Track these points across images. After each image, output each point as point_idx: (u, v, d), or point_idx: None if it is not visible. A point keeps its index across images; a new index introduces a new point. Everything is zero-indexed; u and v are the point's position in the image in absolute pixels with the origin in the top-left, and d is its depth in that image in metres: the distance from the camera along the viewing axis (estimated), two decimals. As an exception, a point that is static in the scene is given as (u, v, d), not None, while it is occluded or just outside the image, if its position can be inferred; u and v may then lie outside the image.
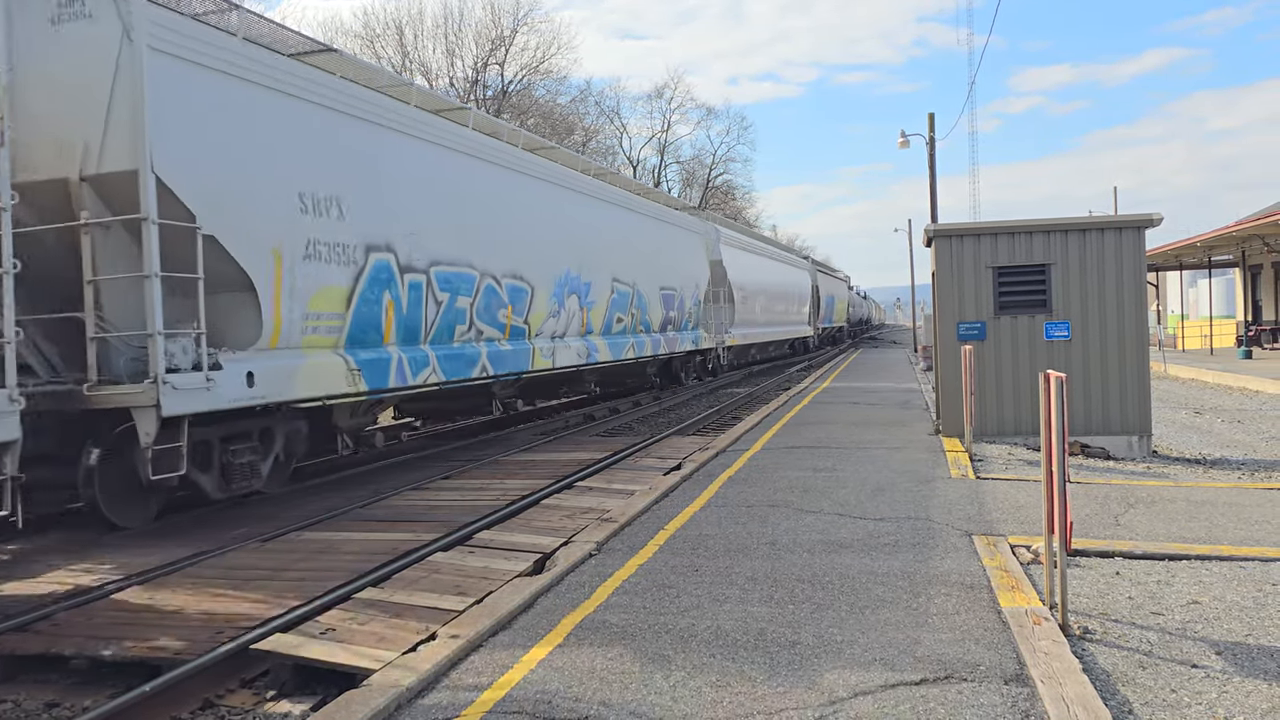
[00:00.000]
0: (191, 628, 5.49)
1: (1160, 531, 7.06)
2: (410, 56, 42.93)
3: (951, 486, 8.91)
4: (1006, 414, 12.13)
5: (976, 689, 4.16)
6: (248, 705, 4.91)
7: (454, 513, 8.53)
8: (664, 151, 62.31)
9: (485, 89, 43.82)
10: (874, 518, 7.61)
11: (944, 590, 5.61)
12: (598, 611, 5.40)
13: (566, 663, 4.63)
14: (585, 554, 6.62)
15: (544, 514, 8.43)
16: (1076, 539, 6.56)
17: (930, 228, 12.77)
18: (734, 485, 9.19)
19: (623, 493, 9.22)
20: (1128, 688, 4.19)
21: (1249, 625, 4.97)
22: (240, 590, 6.22)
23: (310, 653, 5.04)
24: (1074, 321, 11.92)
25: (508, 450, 12.80)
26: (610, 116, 59.31)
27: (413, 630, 5.30)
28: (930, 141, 29.25)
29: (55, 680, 5.24)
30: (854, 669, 4.43)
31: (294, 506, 9.21)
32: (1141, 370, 11.88)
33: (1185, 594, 5.52)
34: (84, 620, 5.74)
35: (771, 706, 4.04)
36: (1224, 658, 4.52)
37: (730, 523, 7.55)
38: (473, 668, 4.62)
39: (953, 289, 12.29)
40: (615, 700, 4.18)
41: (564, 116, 49.79)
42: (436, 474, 10.92)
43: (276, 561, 6.96)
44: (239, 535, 7.92)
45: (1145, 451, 11.76)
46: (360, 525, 8.18)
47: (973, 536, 6.90)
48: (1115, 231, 11.88)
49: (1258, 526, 7.15)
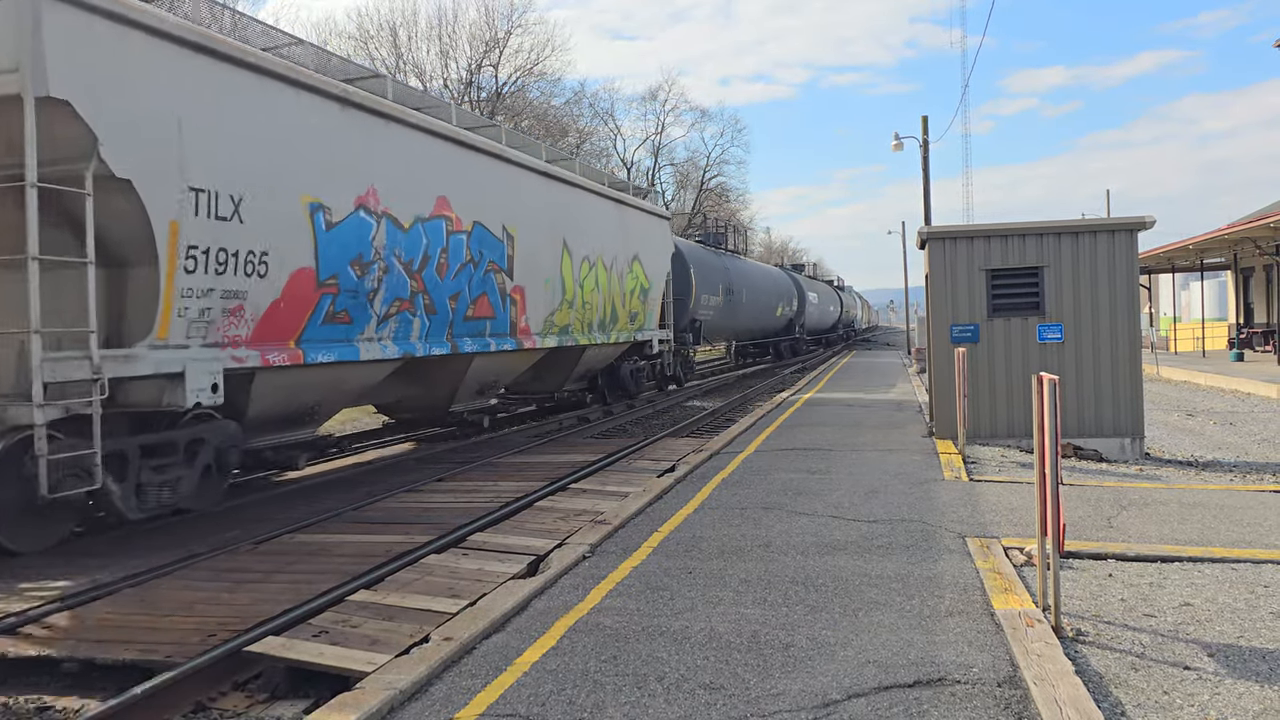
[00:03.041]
0: (184, 630, 5.48)
1: (1153, 533, 7.08)
2: (404, 58, 42.92)
3: (945, 489, 8.93)
4: (1000, 416, 12.16)
5: (970, 691, 4.17)
6: (240, 708, 4.90)
7: (447, 515, 8.52)
8: (658, 154, 62.34)
9: (479, 91, 43.80)
10: (867, 520, 7.61)
11: (937, 592, 5.61)
12: (591, 614, 5.40)
13: (560, 665, 4.62)
14: (579, 556, 6.62)
15: (538, 516, 8.42)
16: (1069, 541, 6.57)
17: (924, 230, 12.81)
18: (728, 487, 9.19)
19: (616, 495, 9.22)
20: (1120, 689, 4.20)
21: (1241, 627, 4.98)
22: (233, 593, 6.20)
23: (303, 655, 5.03)
24: (1067, 324, 11.96)
25: (501, 452, 12.79)
26: (604, 118, 59.35)
27: (406, 633, 5.29)
28: (924, 144, 29.30)
29: (47, 683, 5.21)
30: (847, 671, 4.44)
31: (287, 509, 9.19)
32: (1134, 373, 11.92)
33: (1178, 596, 5.53)
34: (76, 623, 5.72)
35: (765, 709, 4.04)
36: (1216, 659, 4.54)
37: (724, 525, 7.55)
38: (466, 670, 4.61)
39: (946, 291, 12.32)
40: (609, 702, 4.17)
41: (558, 119, 49.78)
42: (430, 476, 10.91)
43: (269, 564, 6.95)
44: (231, 538, 7.89)
45: (1138, 454, 11.80)
46: (353, 527, 8.17)
47: (966, 539, 6.92)
48: (1108, 234, 11.92)
49: (1249, 528, 7.18)
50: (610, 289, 17.29)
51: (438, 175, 11.64)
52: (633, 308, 18.65)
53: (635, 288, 18.75)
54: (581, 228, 15.88)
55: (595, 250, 16.44)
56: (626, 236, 18.25)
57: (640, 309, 19.13)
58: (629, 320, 18.47)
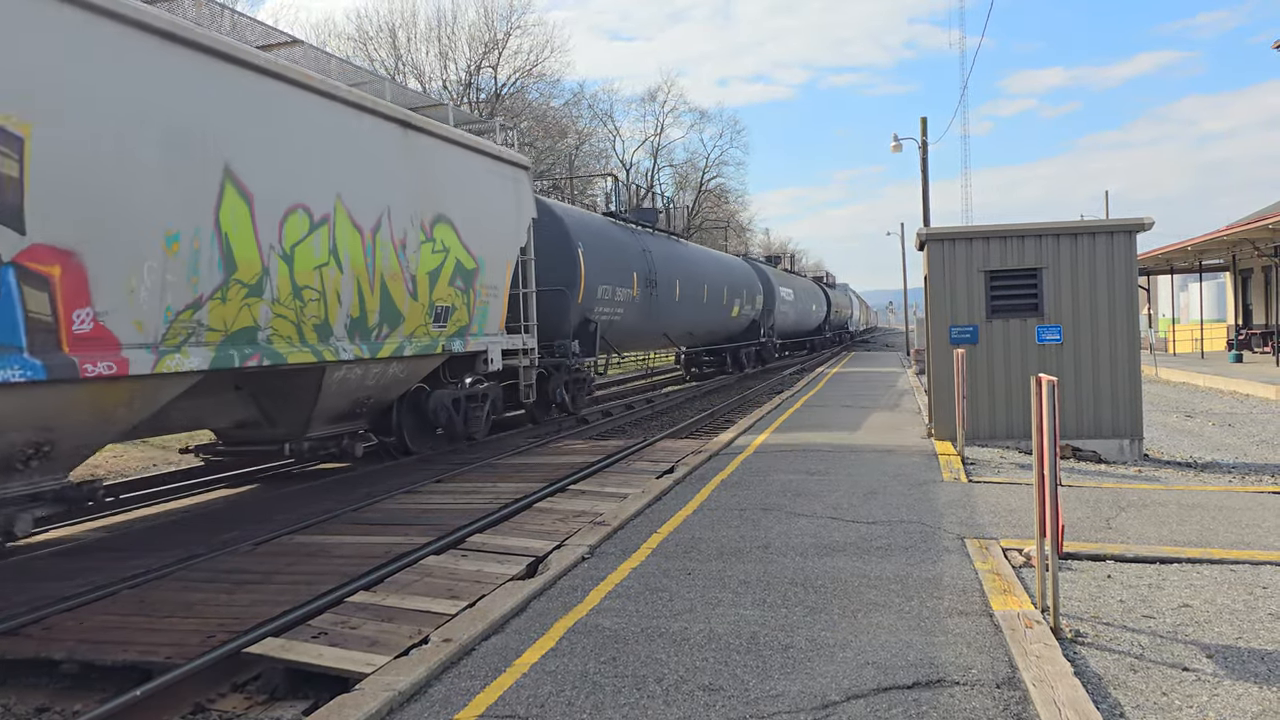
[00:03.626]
0: (183, 631, 5.47)
1: (1151, 535, 7.09)
2: (403, 59, 42.93)
3: (944, 490, 8.93)
4: (999, 417, 12.17)
5: (969, 692, 4.17)
6: (240, 709, 4.90)
7: (446, 516, 8.52)
8: (657, 155, 62.39)
9: (479, 92, 43.81)
10: (866, 521, 7.62)
11: (936, 593, 5.62)
12: (590, 615, 5.40)
13: (559, 667, 4.63)
14: (578, 557, 6.62)
15: (537, 517, 8.42)
16: (1068, 542, 6.58)
17: (923, 231, 12.82)
18: (727, 489, 9.19)
19: (615, 496, 9.22)
20: (1119, 691, 4.20)
21: (1240, 628, 4.99)
22: (232, 594, 6.20)
23: (302, 656, 5.03)
24: (1065, 325, 11.97)
25: (500, 453, 12.78)
26: (603, 119, 59.38)
27: (405, 634, 5.29)
28: (923, 145, 29.33)
29: (46, 684, 5.22)
30: (847, 672, 4.44)
31: (286, 510, 9.19)
32: (1133, 374, 11.93)
33: (1176, 597, 5.54)
34: (75, 624, 5.72)
35: (764, 710, 4.05)
36: (1215, 660, 4.54)
37: (723, 526, 7.55)
38: (465, 671, 4.61)
39: (945, 293, 12.33)
40: (608, 704, 4.18)
41: (557, 120, 49.80)
42: (428, 477, 10.90)
43: (268, 565, 6.94)
44: (230, 539, 7.89)
45: (1136, 455, 11.81)
46: (352, 528, 8.17)
47: (965, 540, 6.92)
48: (1107, 236, 11.94)
49: (1248, 530, 7.18)
50: (377, 265, 10.36)
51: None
52: (443, 300, 11.72)
53: (445, 268, 11.74)
54: (281, 151, 8.99)
55: (326, 196, 9.58)
56: (424, 183, 11.29)
57: (460, 302, 12.16)
58: (432, 319, 11.56)
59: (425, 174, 11.39)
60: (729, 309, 28.48)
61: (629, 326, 19.92)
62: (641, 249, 20.75)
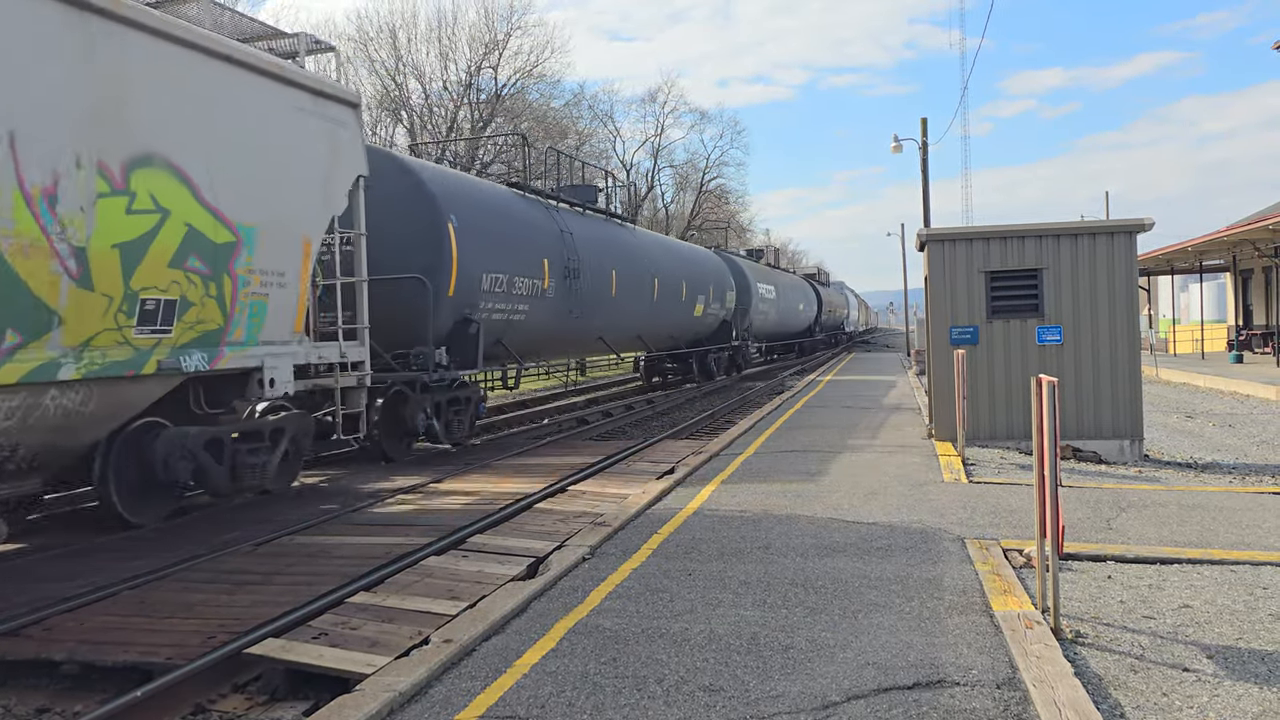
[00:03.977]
0: (183, 632, 5.47)
1: (1152, 535, 7.09)
2: (404, 60, 42.92)
3: (944, 490, 8.93)
4: (999, 418, 12.18)
5: (969, 693, 4.17)
6: (240, 710, 4.90)
7: (447, 516, 8.52)
8: (657, 155, 62.36)
9: (479, 93, 43.82)
10: (867, 521, 7.62)
11: (937, 594, 5.62)
12: (591, 616, 5.40)
13: (560, 667, 4.63)
14: (579, 558, 6.62)
15: (537, 518, 8.42)
16: (1068, 543, 6.58)
17: (923, 232, 12.82)
18: (727, 489, 9.19)
19: (616, 497, 9.22)
20: (1119, 691, 4.20)
21: (1240, 629, 4.99)
22: (232, 594, 6.20)
23: (303, 657, 5.03)
24: (1066, 326, 11.98)
25: (500, 454, 12.78)
26: (604, 120, 59.38)
27: (405, 635, 5.29)
28: (923, 146, 29.34)
29: (46, 685, 5.21)
30: (847, 673, 4.44)
31: (287, 510, 9.19)
32: (1133, 374, 11.93)
33: (1177, 598, 5.54)
34: (75, 625, 5.71)
35: (765, 711, 4.05)
36: (1215, 661, 4.54)
37: (723, 526, 7.55)
38: (466, 672, 4.61)
39: (945, 293, 12.33)
40: (609, 704, 4.18)
41: (557, 120, 49.80)
42: (429, 477, 10.90)
43: (269, 565, 6.94)
44: (231, 539, 7.89)
45: (1137, 455, 11.81)
46: (353, 529, 8.16)
47: (965, 540, 6.92)
48: (1107, 236, 11.94)
49: (1249, 530, 7.18)
50: (20, 234, 6.44)
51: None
52: (158, 289, 7.59)
53: (162, 240, 7.63)
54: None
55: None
56: (114, 104, 7.22)
57: (201, 294, 8.03)
58: (134, 320, 7.43)
59: (119, 88, 7.27)
60: (689, 307, 23.62)
61: (541, 328, 15.40)
62: (559, 230, 16.12)
